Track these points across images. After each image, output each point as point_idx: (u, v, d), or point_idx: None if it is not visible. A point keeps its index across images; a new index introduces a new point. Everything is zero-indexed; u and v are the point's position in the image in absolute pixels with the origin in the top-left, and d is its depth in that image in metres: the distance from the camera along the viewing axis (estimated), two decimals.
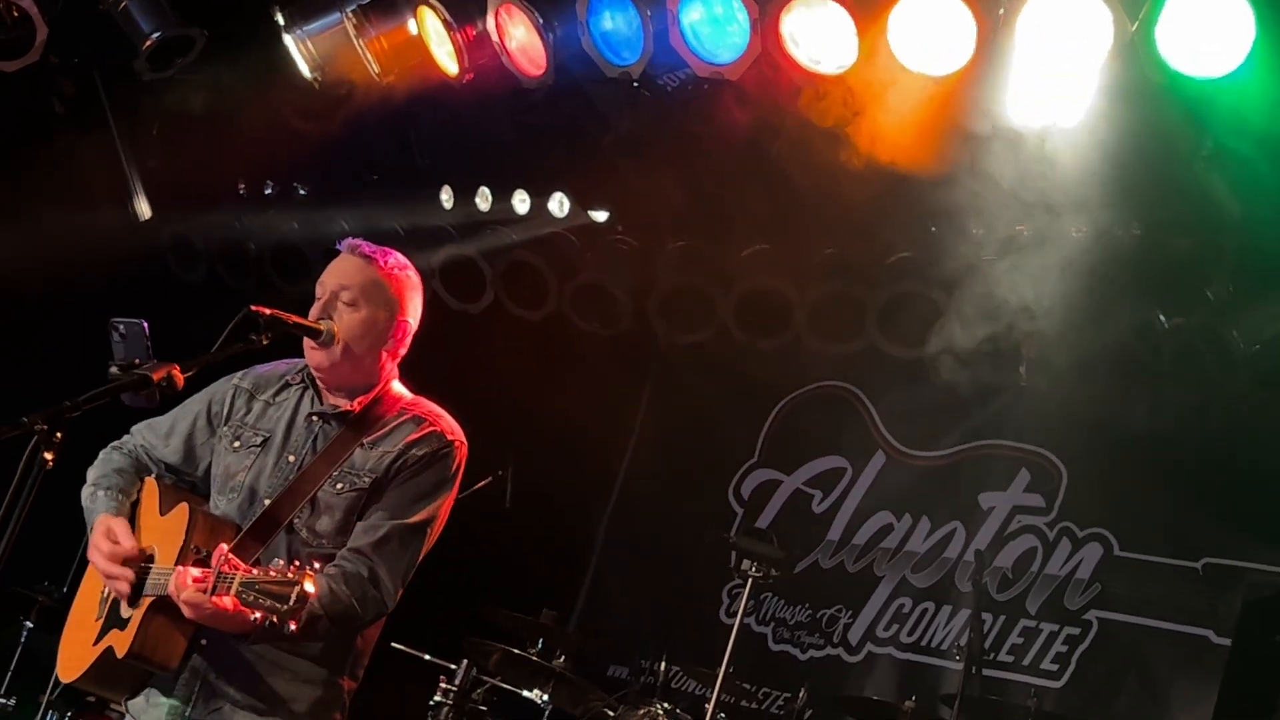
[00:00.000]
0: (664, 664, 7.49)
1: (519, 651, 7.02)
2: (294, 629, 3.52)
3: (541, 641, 7.22)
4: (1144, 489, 7.67)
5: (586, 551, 9.17)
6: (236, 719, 3.88)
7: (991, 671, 7.48)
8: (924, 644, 8.09)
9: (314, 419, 4.09)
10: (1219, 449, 7.44)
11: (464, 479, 4.15)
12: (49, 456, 3.30)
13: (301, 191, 8.28)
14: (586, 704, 7.23)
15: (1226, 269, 6.43)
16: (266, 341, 3.83)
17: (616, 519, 9.18)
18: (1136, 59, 5.01)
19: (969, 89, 5.41)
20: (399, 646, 6.78)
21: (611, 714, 7.01)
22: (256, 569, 3.56)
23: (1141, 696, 7.41)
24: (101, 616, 4.00)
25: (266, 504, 3.95)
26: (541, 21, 6.04)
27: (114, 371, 3.70)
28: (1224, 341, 6.48)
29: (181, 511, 3.94)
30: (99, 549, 3.92)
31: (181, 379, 3.66)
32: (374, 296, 4.06)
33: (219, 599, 3.59)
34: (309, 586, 3.47)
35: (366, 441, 4.03)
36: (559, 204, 7.72)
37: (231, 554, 3.63)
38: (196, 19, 6.58)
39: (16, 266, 7.39)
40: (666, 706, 6.84)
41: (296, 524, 3.94)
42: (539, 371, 8.39)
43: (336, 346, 4.01)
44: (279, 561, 3.61)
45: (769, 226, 7.43)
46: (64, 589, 7.90)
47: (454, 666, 6.92)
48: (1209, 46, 4.91)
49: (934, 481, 8.35)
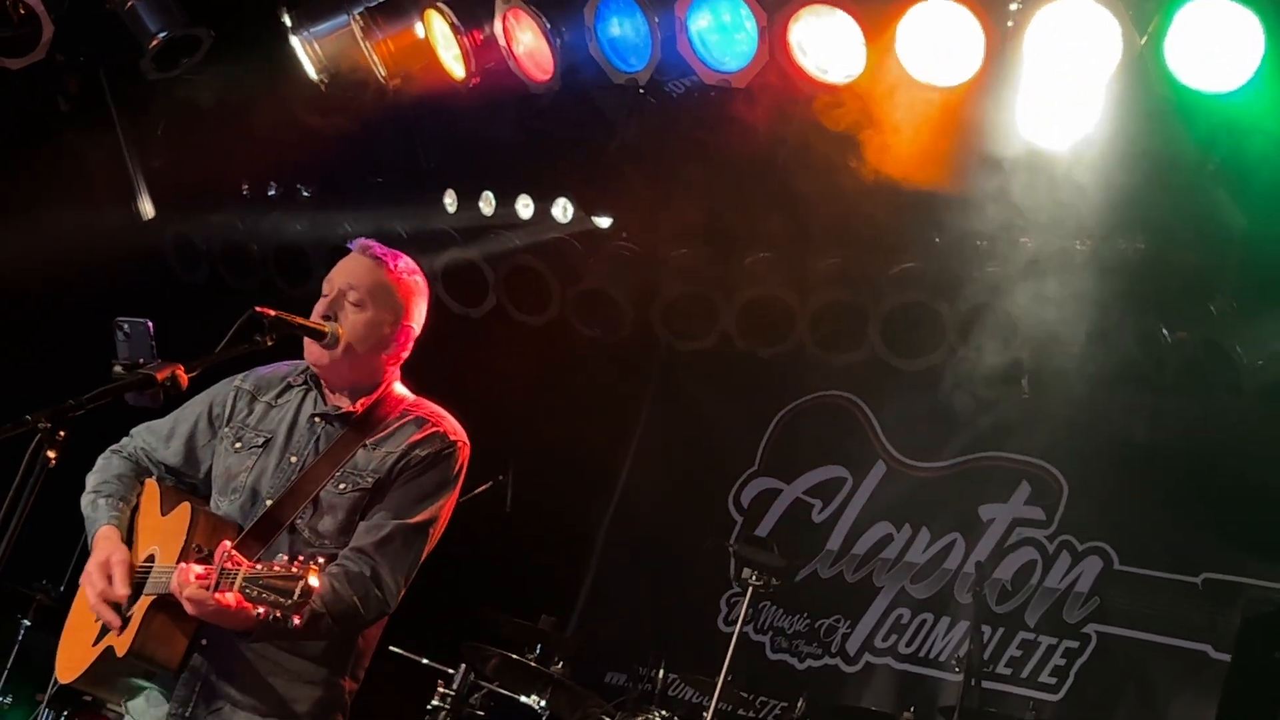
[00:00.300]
0: (662, 671, 7.45)
1: (517, 657, 7.01)
2: (297, 624, 3.50)
3: (540, 647, 7.22)
4: (1145, 503, 7.66)
5: (586, 557, 9.15)
6: (237, 719, 3.86)
7: (990, 684, 7.47)
8: (922, 655, 8.07)
9: (317, 420, 4.08)
10: (1221, 464, 7.43)
11: (465, 482, 4.15)
12: (52, 455, 3.30)
13: (305, 193, 8.28)
14: (584, 710, 7.20)
15: (1230, 283, 6.42)
16: (271, 342, 3.82)
17: (616, 525, 9.16)
18: (1145, 72, 5.01)
19: (977, 100, 5.41)
20: (397, 650, 6.77)
21: None
22: (260, 564, 3.55)
23: (1140, 711, 7.39)
24: None
25: (268, 504, 3.94)
26: (549, 26, 6.04)
27: (118, 371, 3.70)
28: (1227, 356, 6.46)
29: (183, 511, 3.93)
30: (92, 584, 3.87)
31: (186, 379, 3.65)
32: (381, 299, 4.06)
33: (222, 595, 3.57)
34: (313, 580, 3.45)
35: (369, 442, 4.02)
36: (563, 209, 7.72)
37: (234, 550, 3.62)
38: (204, 18, 6.57)
39: (19, 265, 7.38)
40: (664, 714, 6.82)
41: (299, 524, 3.93)
42: (540, 376, 8.36)
43: (339, 347, 4.00)
44: (282, 557, 3.60)
45: (773, 235, 7.44)
46: (61, 588, 7.88)
47: (452, 671, 6.92)
48: (1218, 61, 4.90)
49: (934, 492, 8.33)
